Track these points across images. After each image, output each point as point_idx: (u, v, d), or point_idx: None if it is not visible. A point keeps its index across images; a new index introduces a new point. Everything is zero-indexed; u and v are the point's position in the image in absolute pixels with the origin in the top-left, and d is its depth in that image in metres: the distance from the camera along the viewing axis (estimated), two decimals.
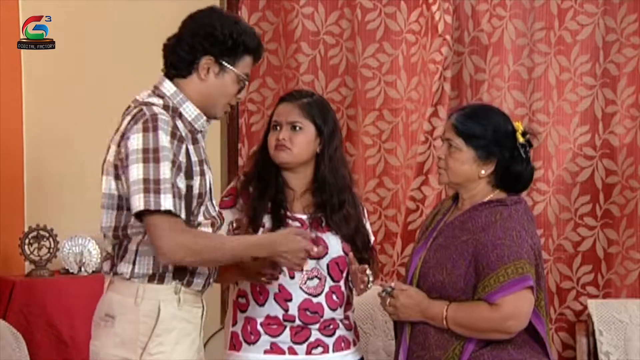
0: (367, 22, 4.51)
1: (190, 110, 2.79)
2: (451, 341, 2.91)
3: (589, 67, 4.37)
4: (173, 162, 2.67)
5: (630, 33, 4.35)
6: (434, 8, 4.39)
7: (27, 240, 4.34)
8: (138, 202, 2.63)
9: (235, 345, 3.11)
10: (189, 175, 2.73)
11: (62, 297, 4.23)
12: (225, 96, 2.83)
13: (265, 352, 3.07)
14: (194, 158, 2.75)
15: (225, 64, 2.80)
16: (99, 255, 4.39)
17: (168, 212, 2.63)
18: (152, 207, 2.62)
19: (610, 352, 4.15)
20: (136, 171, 2.65)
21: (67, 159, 4.60)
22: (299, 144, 3.11)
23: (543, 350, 2.96)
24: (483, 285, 2.86)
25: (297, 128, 3.12)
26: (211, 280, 2.85)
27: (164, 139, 2.67)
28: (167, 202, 2.63)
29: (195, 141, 2.79)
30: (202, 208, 2.79)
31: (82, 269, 4.37)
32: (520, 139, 2.96)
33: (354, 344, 3.19)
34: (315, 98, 3.20)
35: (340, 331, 3.14)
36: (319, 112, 3.15)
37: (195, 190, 2.75)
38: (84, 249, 4.38)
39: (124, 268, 2.74)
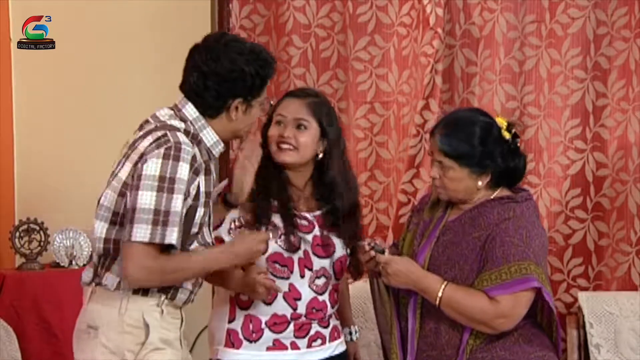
0: (359, 15, 4.49)
1: (210, 137, 2.76)
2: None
3: (579, 60, 4.37)
4: (185, 195, 2.62)
5: (621, 26, 4.35)
6: (425, 1, 4.37)
7: (17, 234, 4.34)
8: (143, 233, 2.58)
9: (234, 343, 3.05)
10: (194, 205, 2.69)
11: (53, 291, 4.22)
12: (250, 124, 2.83)
13: (268, 348, 3.04)
14: (202, 189, 2.71)
15: (253, 101, 2.77)
16: (90, 249, 4.38)
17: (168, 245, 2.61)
18: (157, 241, 2.58)
19: (600, 345, 4.16)
20: (149, 199, 2.58)
21: (57, 152, 4.59)
22: (304, 144, 3.02)
23: (550, 344, 2.95)
24: (481, 279, 2.85)
25: (303, 127, 3.03)
26: (193, 296, 2.82)
27: (184, 172, 2.61)
28: (172, 236, 2.59)
29: (208, 172, 2.74)
30: (199, 235, 2.76)
31: (73, 262, 4.36)
32: (507, 136, 2.92)
33: (341, 333, 3.22)
34: (322, 99, 3.12)
35: (333, 321, 3.16)
36: (325, 113, 3.06)
37: (197, 220, 2.71)
38: (74, 242, 4.38)
39: (110, 280, 2.70)
